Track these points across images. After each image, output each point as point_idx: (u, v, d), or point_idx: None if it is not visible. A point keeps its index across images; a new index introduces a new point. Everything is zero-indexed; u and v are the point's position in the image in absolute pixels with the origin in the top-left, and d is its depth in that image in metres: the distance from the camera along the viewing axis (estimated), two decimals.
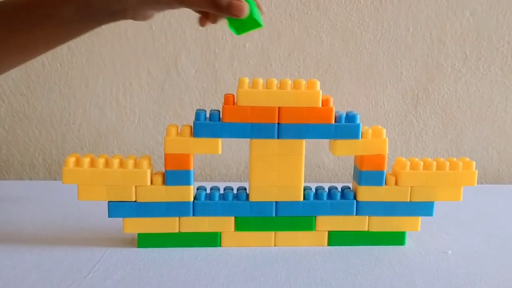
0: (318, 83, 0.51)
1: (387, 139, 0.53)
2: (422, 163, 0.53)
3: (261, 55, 0.81)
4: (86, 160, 0.50)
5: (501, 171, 0.88)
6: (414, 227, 0.55)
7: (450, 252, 0.54)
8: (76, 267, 0.48)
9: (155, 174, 0.52)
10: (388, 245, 0.55)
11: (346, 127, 0.52)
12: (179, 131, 0.52)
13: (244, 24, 0.48)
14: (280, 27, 0.81)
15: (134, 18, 0.50)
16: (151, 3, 0.48)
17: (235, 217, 0.53)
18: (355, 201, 0.54)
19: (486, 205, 0.70)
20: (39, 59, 0.80)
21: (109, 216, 0.52)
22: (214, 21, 0.53)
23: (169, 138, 0.51)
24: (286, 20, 0.80)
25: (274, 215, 0.53)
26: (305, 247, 0.54)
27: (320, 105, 0.51)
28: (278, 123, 0.51)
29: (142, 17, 0.51)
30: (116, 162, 0.50)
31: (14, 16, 0.49)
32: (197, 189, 0.54)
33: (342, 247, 0.54)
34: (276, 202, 0.53)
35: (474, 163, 0.54)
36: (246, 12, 0.47)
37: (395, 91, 0.84)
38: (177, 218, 0.53)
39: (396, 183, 0.54)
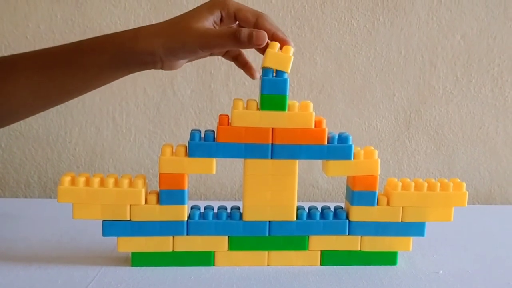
0: (311, 104, 0.52)
1: (379, 159, 0.54)
2: (413, 184, 0.54)
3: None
4: (82, 179, 0.51)
5: (492, 191, 0.89)
6: (406, 247, 0.55)
7: (441, 272, 0.54)
8: (70, 285, 0.48)
9: (149, 193, 0.53)
10: (380, 264, 0.55)
11: (338, 148, 0.53)
12: (174, 150, 0.52)
13: None
14: None
15: (163, 68, 0.53)
16: (177, 54, 0.50)
17: (228, 236, 0.54)
18: (347, 221, 0.54)
19: (478, 226, 0.71)
20: None
21: (104, 235, 0.52)
22: (241, 61, 0.57)
23: (164, 158, 0.51)
24: None
25: (267, 234, 0.54)
26: (298, 267, 0.54)
27: (313, 126, 0.52)
28: (272, 144, 0.52)
29: (171, 67, 0.53)
30: (111, 181, 0.51)
31: (51, 64, 0.52)
32: (191, 208, 0.54)
33: (335, 266, 0.55)
34: (269, 221, 0.54)
35: (464, 184, 0.55)
36: (266, 40, 0.48)
37: (387, 112, 0.85)
38: (171, 237, 0.53)
39: (388, 204, 0.54)
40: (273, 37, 0.51)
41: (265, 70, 0.51)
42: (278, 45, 0.51)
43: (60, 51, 0.52)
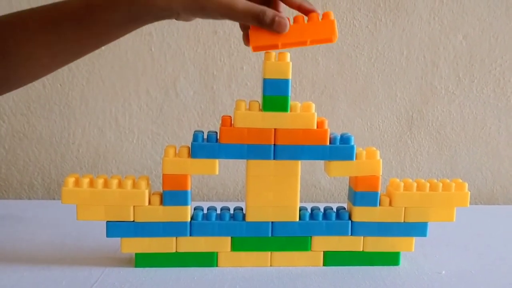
0: (313, 105, 0.52)
1: (381, 160, 0.54)
2: (415, 184, 0.54)
3: (258, 77, 0.83)
4: (85, 181, 0.51)
5: (495, 191, 0.89)
6: (408, 247, 0.55)
7: (443, 272, 0.54)
8: (74, 286, 0.49)
9: (153, 194, 0.53)
10: (383, 265, 0.55)
11: (340, 149, 0.53)
12: (177, 152, 0.53)
13: None
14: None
15: (177, 19, 0.51)
16: (196, 14, 0.50)
17: (231, 237, 0.54)
18: (350, 221, 0.55)
19: (480, 226, 0.71)
20: (40, 80, 0.81)
21: (107, 236, 0.52)
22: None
23: (167, 159, 0.52)
24: None
25: (270, 235, 0.54)
26: (301, 267, 0.54)
27: (315, 127, 0.52)
28: (274, 145, 0.52)
29: (188, 20, 0.52)
30: (114, 182, 0.51)
31: (62, 21, 0.50)
32: (194, 209, 0.54)
33: (337, 267, 0.55)
34: (272, 222, 0.54)
35: (466, 184, 0.55)
36: (287, 29, 0.49)
37: (390, 113, 0.85)
38: (174, 238, 0.53)
39: (390, 204, 0.54)
40: (300, 8, 0.51)
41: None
42: (274, 53, 0.51)
43: (71, 10, 0.50)
